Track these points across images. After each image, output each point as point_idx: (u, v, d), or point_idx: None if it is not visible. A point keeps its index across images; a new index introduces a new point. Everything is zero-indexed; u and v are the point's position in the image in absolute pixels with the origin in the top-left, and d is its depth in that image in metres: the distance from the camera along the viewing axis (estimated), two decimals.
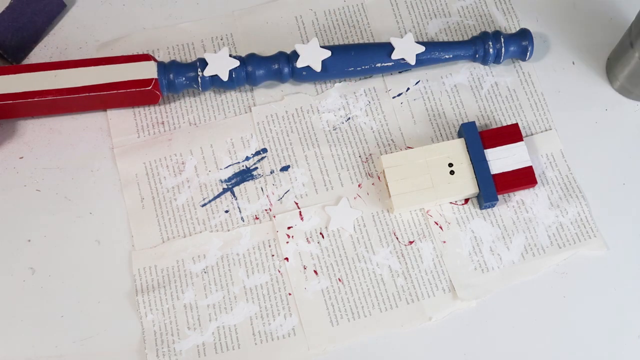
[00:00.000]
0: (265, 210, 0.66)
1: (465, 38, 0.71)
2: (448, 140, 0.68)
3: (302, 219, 0.66)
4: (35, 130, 0.69)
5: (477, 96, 0.70)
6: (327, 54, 0.67)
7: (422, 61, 0.68)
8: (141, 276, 0.64)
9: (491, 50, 0.68)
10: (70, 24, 0.73)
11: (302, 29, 0.72)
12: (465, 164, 0.65)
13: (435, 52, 0.68)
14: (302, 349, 0.62)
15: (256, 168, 0.68)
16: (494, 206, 0.66)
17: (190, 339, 0.63)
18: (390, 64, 0.68)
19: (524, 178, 0.65)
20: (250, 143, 0.68)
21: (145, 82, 0.66)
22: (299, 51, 0.67)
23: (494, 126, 0.69)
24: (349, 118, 0.69)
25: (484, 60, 0.69)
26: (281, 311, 0.63)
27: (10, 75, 0.65)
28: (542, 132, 0.68)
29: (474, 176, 0.64)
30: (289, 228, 0.66)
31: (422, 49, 0.68)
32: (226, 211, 0.66)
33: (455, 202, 0.66)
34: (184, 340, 0.63)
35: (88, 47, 0.72)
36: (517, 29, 0.71)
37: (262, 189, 0.67)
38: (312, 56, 0.67)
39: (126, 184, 0.67)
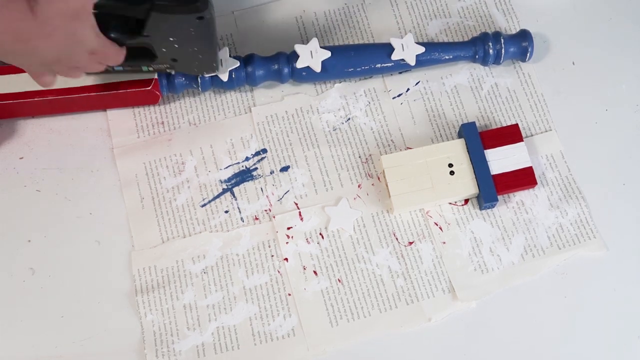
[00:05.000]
0: (265, 210, 0.66)
1: (465, 39, 0.71)
2: (448, 140, 0.68)
3: (301, 219, 0.66)
4: (35, 130, 0.69)
5: (477, 97, 0.70)
6: (327, 54, 0.67)
7: (422, 62, 0.68)
8: (141, 276, 0.64)
9: (491, 51, 0.68)
10: None
11: (302, 29, 0.72)
12: (465, 165, 0.65)
13: (435, 52, 0.68)
14: (302, 349, 0.62)
15: (256, 168, 0.68)
16: (493, 207, 0.65)
17: (190, 339, 0.63)
18: (390, 64, 0.68)
19: (524, 179, 0.65)
20: (250, 143, 0.68)
21: (145, 82, 0.66)
22: (298, 51, 0.67)
23: (494, 127, 0.68)
24: (349, 118, 0.69)
25: (484, 61, 0.69)
26: (281, 311, 0.63)
27: (10, 75, 0.66)
28: (542, 132, 0.68)
29: (474, 177, 0.64)
30: (288, 228, 0.66)
31: (422, 49, 0.68)
32: (226, 211, 0.66)
33: (455, 202, 0.66)
34: (184, 340, 0.63)
35: None
36: (517, 29, 0.71)
37: (261, 189, 0.67)
38: (312, 56, 0.67)
39: (126, 184, 0.67)
